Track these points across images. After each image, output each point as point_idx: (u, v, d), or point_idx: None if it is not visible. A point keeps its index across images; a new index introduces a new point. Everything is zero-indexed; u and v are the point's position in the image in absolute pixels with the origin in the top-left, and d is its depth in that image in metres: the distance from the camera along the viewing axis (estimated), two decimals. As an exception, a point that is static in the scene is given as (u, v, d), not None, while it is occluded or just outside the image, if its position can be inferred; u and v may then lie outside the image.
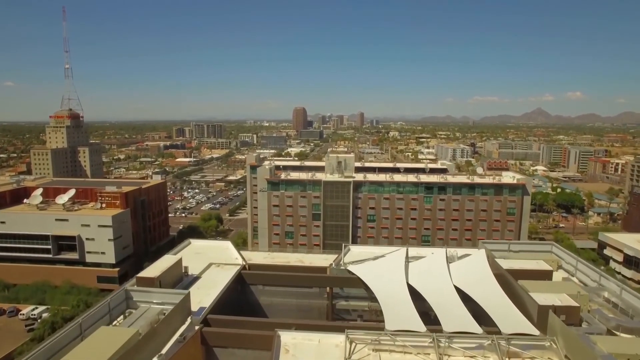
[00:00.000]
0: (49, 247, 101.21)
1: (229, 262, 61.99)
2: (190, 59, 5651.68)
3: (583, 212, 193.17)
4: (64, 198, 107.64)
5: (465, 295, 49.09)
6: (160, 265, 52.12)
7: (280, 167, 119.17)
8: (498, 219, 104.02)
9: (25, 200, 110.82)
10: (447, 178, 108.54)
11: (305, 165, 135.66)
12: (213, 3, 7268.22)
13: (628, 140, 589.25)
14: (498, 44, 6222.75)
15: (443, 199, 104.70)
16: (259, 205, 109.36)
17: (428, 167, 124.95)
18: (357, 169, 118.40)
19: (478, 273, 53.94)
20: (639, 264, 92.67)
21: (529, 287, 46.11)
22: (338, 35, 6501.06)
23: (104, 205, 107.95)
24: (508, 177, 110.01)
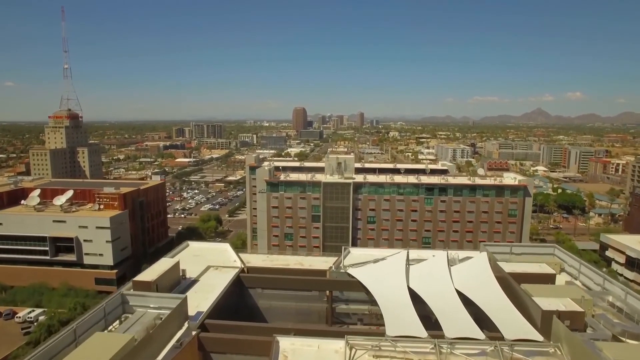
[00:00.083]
0: (47, 248, 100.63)
1: (228, 264, 61.45)
2: (190, 59, 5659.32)
3: (584, 213, 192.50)
4: (62, 199, 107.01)
5: (467, 299, 48.48)
6: (157, 269, 51.54)
7: (280, 168, 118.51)
8: (499, 221, 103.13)
9: (23, 202, 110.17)
10: (447, 179, 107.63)
11: (305, 166, 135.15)
12: (213, 3, 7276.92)
13: (628, 141, 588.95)
14: (498, 44, 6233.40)
15: (444, 201, 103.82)
16: (258, 207, 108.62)
17: (429, 168, 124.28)
18: (357, 170, 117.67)
19: (480, 276, 53.30)
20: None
21: (532, 291, 45.48)
22: (338, 35, 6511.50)
23: (102, 207, 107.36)
24: (509, 178, 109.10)
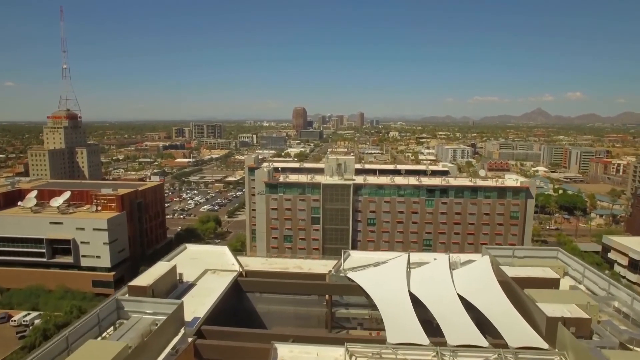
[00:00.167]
0: (43, 250, 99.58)
1: (226, 268, 60.68)
2: (190, 59, 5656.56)
3: (585, 214, 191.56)
4: (59, 201, 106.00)
5: (470, 305, 47.65)
6: (154, 273, 50.64)
7: (279, 169, 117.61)
8: (501, 223, 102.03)
9: (20, 203, 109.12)
10: (449, 181, 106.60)
11: (305, 167, 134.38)
12: (213, 3, 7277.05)
13: (629, 141, 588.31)
14: (498, 44, 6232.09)
15: (445, 203, 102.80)
16: (257, 209, 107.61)
17: (429, 169, 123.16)
18: (357, 171, 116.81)
19: (482, 281, 52.42)
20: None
21: (536, 296, 44.60)
22: (338, 35, 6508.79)
23: (100, 208, 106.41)
24: (511, 179, 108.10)
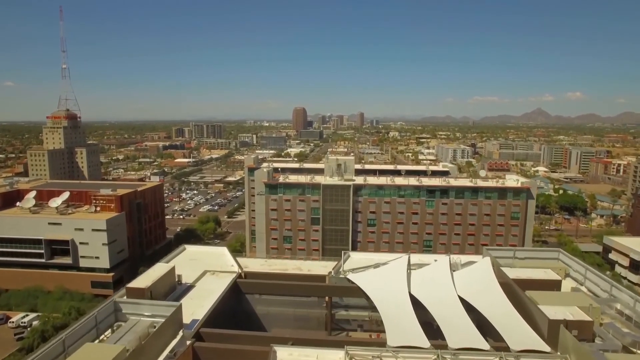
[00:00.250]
0: (42, 251, 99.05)
1: (225, 269, 60.36)
2: (190, 59, 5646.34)
3: (586, 214, 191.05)
4: (58, 201, 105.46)
5: (470, 306, 47.23)
6: (152, 275, 50.25)
7: (279, 169, 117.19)
8: (502, 224, 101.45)
9: (18, 203, 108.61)
10: (449, 181, 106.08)
11: (304, 168, 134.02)
12: (213, 3, 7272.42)
13: (629, 141, 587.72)
14: (498, 44, 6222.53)
15: (445, 203, 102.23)
16: (257, 209, 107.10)
17: (430, 169, 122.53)
18: (357, 172, 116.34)
19: (483, 283, 52.00)
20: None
21: (537, 298, 44.17)
22: (338, 35, 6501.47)
23: (99, 209, 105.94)
24: (512, 180, 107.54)
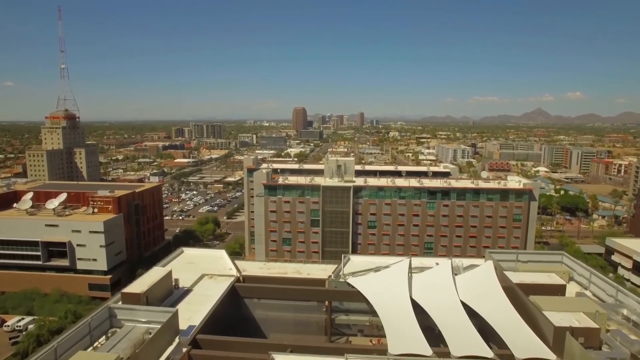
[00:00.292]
0: (39, 253, 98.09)
1: (223, 273, 59.48)
2: (190, 59, 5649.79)
3: (587, 215, 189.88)
4: (55, 202, 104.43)
5: (473, 312, 46.23)
6: (148, 279, 49.33)
7: (278, 170, 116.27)
8: (504, 226, 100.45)
9: (15, 205, 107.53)
10: (450, 182, 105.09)
11: (304, 169, 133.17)
12: (213, 3, 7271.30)
13: (629, 141, 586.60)
14: (498, 44, 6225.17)
15: (447, 205, 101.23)
16: (256, 211, 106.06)
17: (431, 170, 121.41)
18: (357, 173, 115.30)
19: (486, 287, 51.00)
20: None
21: (542, 304, 43.15)
22: (338, 35, 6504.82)
23: (96, 210, 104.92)
24: (514, 181, 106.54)
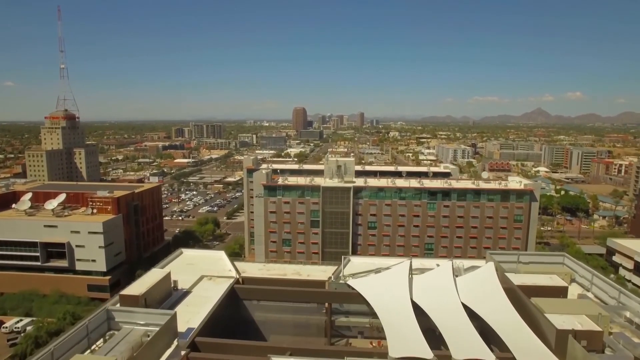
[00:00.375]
0: (38, 254, 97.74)
1: (222, 274, 59.19)
2: (190, 59, 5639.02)
3: (588, 215, 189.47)
4: (54, 203, 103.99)
5: (474, 314, 45.86)
6: (147, 281, 48.99)
7: (278, 171, 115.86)
8: (505, 226, 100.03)
9: (14, 205, 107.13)
10: (451, 183, 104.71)
11: (304, 169, 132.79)
12: (213, 3, 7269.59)
13: (629, 141, 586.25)
14: (498, 44, 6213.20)
15: (447, 206, 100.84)
16: (255, 212, 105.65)
17: (431, 171, 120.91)
18: (357, 173, 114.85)
19: (487, 289, 50.65)
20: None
21: (544, 306, 42.79)
22: (338, 35, 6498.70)
23: (95, 211, 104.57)
24: (515, 182, 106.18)
